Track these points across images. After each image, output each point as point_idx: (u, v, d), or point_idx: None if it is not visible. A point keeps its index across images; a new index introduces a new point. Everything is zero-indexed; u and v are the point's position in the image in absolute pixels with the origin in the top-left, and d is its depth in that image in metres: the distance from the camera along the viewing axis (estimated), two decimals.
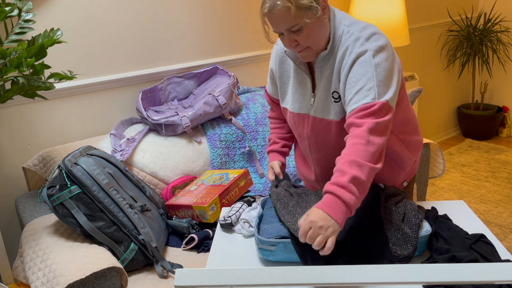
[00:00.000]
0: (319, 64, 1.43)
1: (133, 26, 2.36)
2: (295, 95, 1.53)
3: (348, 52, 1.36)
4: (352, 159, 1.22)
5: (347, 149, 1.25)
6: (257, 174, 2.37)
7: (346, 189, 1.18)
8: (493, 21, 4.12)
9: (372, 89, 1.29)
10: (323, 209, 1.17)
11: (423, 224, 1.28)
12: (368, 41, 1.35)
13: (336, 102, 1.43)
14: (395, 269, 0.70)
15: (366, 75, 1.31)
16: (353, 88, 1.32)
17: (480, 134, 4.26)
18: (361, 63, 1.32)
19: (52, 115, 2.23)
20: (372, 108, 1.27)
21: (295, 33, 1.34)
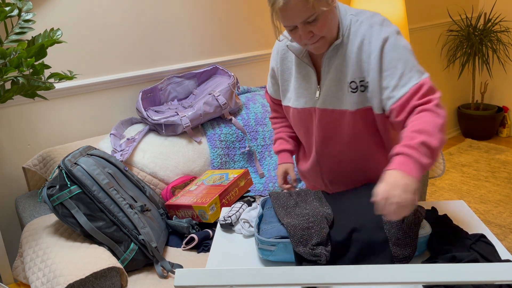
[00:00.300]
0: (328, 54, 1.42)
1: (133, 26, 2.36)
2: (298, 90, 1.52)
3: (367, 41, 1.37)
4: (421, 128, 1.24)
5: (417, 120, 1.27)
6: (257, 174, 2.37)
7: (418, 149, 1.20)
8: (493, 21, 4.12)
9: (413, 70, 1.34)
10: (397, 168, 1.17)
11: (423, 224, 1.28)
12: (383, 26, 1.37)
13: (353, 92, 1.42)
14: (395, 269, 0.70)
15: (401, 59, 1.34)
16: (393, 73, 1.34)
17: (480, 134, 4.26)
18: (391, 49, 1.35)
19: (52, 115, 2.23)
20: (424, 87, 1.32)
21: (311, 24, 1.33)
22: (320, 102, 1.48)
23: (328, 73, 1.45)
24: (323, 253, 1.22)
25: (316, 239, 1.23)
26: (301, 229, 1.26)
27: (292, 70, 1.54)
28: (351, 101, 1.43)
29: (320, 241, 1.24)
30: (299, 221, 1.28)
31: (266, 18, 2.84)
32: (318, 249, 1.22)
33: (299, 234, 1.25)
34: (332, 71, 1.44)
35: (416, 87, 1.32)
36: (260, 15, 2.81)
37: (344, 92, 1.44)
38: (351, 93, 1.42)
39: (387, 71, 1.35)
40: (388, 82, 1.35)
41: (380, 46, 1.36)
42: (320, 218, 1.29)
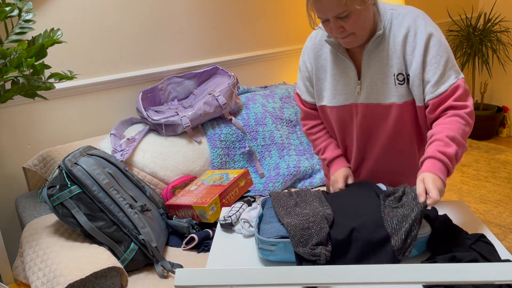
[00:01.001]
0: (369, 48, 1.42)
1: (133, 26, 2.36)
2: (337, 87, 1.51)
3: (412, 33, 1.39)
4: (455, 136, 1.33)
5: (449, 124, 1.35)
6: (257, 174, 2.37)
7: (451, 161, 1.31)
8: (493, 21, 4.12)
9: (452, 69, 1.40)
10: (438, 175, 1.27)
11: (423, 223, 1.28)
12: (426, 20, 1.41)
13: (401, 84, 1.43)
14: (395, 269, 0.70)
15: (444, 56, 1.38)
16: (435, 69, 1.38)
17: (480, 134, 4.26)
18: (435, 45, 1.39)
19: (52, 115, 2.23)
20: (460, 89, 1.39)
21: (342, 20, 1.33)
22: (363, 97, 1.47)
23: (369, 67, 1.44)
24: (323, 253, 1.22)
25: (316, 239, 1.24)
26: (301, 229, 1.26)
27: (327, 67, 1.52)
28: (399, 93, 1.44)
29: (320, 241, 1.24)
30: (299, 221, 1.28)
31: (266, 19, 2.84)
32: (318, 249, 1.22)
33: (299, 234, 1.25)
34: (374, 64, 1.44)
35: (454, 87, 1.38)
36: (260, 16, 2.81)
37: (389, 85, 1.44)
38: (399, 85, 1.43)
39: (430, 65, 1.39)
40: (430, 76, 1.39)
41: (425, 40, 1.38)
42: (320, 218, 1.29)
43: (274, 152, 2.42)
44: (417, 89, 1.41)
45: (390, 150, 1.54)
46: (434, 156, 1.30)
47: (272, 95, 2.59)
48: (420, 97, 1.42)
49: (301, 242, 1.24)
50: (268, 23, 2.86)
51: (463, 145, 1.34)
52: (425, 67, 1.39)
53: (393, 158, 1.56)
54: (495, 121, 4.21)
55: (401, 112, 1.45)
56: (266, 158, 2.41)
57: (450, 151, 1.30)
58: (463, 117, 1.37)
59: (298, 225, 1.27)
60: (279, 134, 2.45)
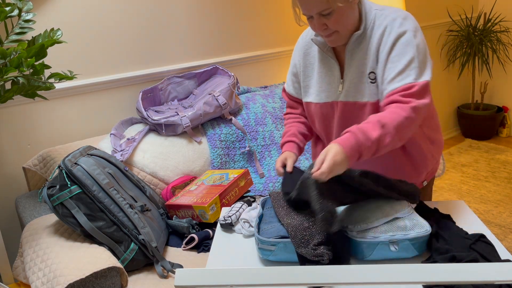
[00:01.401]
0: (351, 46, 1.43)
1: (133, 26, 2.36)
2: (321, 85, 1.53)
3: (387, 32, 1.39)
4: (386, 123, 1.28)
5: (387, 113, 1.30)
6: (257, 174, 2.37)
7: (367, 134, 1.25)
8: (493, 21, 4.12)
9: (414, 69, 1.34)
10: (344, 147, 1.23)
11: (423, 223, 1.28)
12: (405, 20, 1.39)
13: (372, 83, 1.43)
14: (395, 269, 0.70)
15: (408, 54, 1.35)
16: (395, 67, 1.36)
17: (480, 134, 4.26)
18: (403, 43, 1.36)
19: (52, 115, 2.23)
20: (414, 88, 1.33)
21: (325, 17, 1.35)
22: (343, 95, 1.48)
23: (350, 66, 1.46)
24: (326, 252, 1.22)
25: (317, 238, 1.24)
26: (302, 230, 1.26)
27: (315, 65, 1.55)
28: (371, 92, 1.44)
29: (321, 241, 1.24)
30: (299, 221, 1.28)
31: (266, 19, 2.84)
32: (320, 249, 1.22)
33: (300, 235, 1.25)
34: (355, 63, 1.45)
35: (407, 86, 1.34)
36: (260, 16, 2.81)
37: (365, 84, 1.45)
38: (371, 83, 1.44)
39: (391, 63, 1.37)
40: (388, 74, 1.37)
41: (394, 38, 1.38)
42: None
43: (274, 152, 2.42)
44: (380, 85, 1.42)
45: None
46: (352, 130, 1.27)
47: (272, 95, 2.59)
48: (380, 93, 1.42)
49: (303, 242, 1.24)
50: (268, 23, 2.86)
51: (394, 134, 1.28)
52: (387, 64, 1.38)
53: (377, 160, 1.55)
54: (495, 121, 4.21)
55: (375, 110, 1.45)
56: (266, 158, 2.41)
57: (372, 134, 1.26)
58: (403, 109, 1.30)
59: (299, 225, 1.27)
60: (279, 134, 2.45)
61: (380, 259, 1.28)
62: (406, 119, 1.30)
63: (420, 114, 1.33)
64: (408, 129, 1.31)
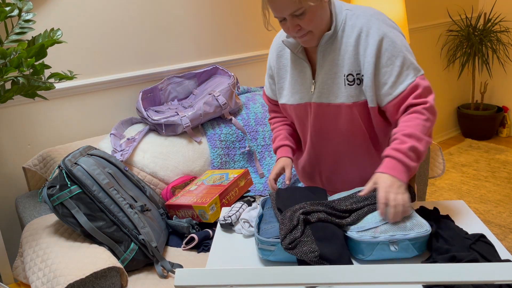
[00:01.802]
0: (323, 47, 1.43)
1: (133, 26, 2.36)
2: (294, 87, 1.53)
3: (364, 33, 1.39)
4: (412, 132, 1.33)
5: (407, 122, 1.36)
6: (257, 174, 2.37)
7: (407, 154, 1.31)
8: (493, 21, 4.12)
9: (410, 66, 1.39)
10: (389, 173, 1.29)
11: (422, 223, 1.28)
12: (379, 20, 1.40)
13: (350, 85, 1.43)
14: (395, 269, 0.70)
15: (399, 56, 1.38)
16: (391, 70, 1.38)
17: (480, 134, 4.26)
18: (389, 46, 1.38)
19: (52, 115, 2.23)
20: (420, 88, 1.38)
21: (298, 17, 1.34)
22: (315, 97, 1.49)
23: (322, 67, 1.45)
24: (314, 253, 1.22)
25: (308, 243, 1.23)
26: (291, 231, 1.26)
27: (288, 67, 1.55)
28: (348, 94, 1.44)
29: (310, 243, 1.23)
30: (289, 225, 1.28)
31: None
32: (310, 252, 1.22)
33: (288, 238, 1.25)
34: (327, 64, 1.44)
35: (413, 85, 1.38)
36: (260, 16, 2.81)
37: (339, 85, 1.44)
38: (348, 85, 1.43)
39: (385, 68, 1.38)
40: (386, 78, 1.38)
41: (377, 41, 1.37)
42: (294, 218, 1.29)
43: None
44: (369, 90, 1.42)
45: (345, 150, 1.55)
46: (387, 154, 1.33)
47: None
48: (372, 98, 1.43)
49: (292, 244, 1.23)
50: None
51: (423, 140, 1.35)
52: (380, 69, 1.39)
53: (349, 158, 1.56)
54: (495, 121, 4.21)
55: (351, 112, 1.45)
56: (266, 158, 2.41)
57: (403, 147, 1.31)
58: (422, 112, 1.37)
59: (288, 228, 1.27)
60: None
61: (380, 259, 1.28)
62: (427, 121, 1.37)
63: (435, 109, 1.40)
64: (431, 127, 1.39)
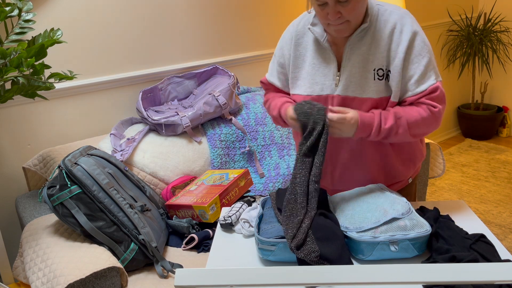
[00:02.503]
0: (353, 40, 1.42)
1: (133, 26, 2.36)
2: (315, 77, 1.49)
3: (397, 30, 1.41)
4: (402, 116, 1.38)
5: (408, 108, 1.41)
6: (257, 174, 2.37)
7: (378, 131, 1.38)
8: (493, 21, 4.12)
9: (432, 70, 1.42)
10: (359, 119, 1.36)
11: (423, 223, 1.28)
12: (412, 19, 1.43)
13: (379, 80, 1.43)
14: (395, 269, 0.70)
15: (426, 56, 1.41)
16: (416, 68, 1.41)
17: (480, 134, 4.26)
18: (420, 44, 1.41)
19: (52, 115, 2.23)
20: (438, 91, 1.41)
21: (341, 4, 1.33)
22: (340, 89, 1.45)
23: (350, 60, 1.44)
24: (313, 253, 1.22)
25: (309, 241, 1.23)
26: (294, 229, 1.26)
27: (306, 56, 1.51)
28: (377, 88, 1.43)
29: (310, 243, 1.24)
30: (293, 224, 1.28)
31: (266, 19, 2.84)
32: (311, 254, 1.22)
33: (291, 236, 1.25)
34: (356, 58, 1.43)
35: (433, 87, 1.40)
36: (260, 16, 2.81)
37: (368, 79, 1.43)
38: (378, 80, 1.43)
39: (412, 64, 1.41)
40: (412, 74, 1.41)
41: (410, 37, 1.39)
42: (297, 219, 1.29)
43: (274, 152, 2.42)
44: (396, 85, 1.42)
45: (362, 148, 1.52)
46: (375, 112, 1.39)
47: None
48: (397, 93, 1.43)
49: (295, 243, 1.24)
50: (268, 23, 2.86)
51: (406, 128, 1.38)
52: (408, 64, 1.41)
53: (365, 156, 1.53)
54: (495, 121, 4.21)
55: (375, 107, 1.45)
56: (266, 158, 2.41)
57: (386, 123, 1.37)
58: (425, 110, 1.40)
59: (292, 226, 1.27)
60: (279, 134, 2.45)
61: (380, 259, 1.28)
62: (423, 119, 1.39)
63: (440, 119, 1.42)
64: (422, 129, 1.40)
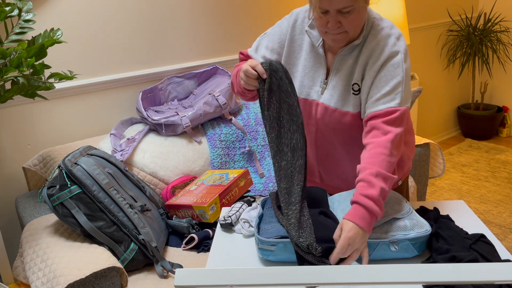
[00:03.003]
0: (343, 52, 1.41)
1: (133, 26, 2.36)
2: (304, 80, 1.49)
3: (379, 49, 1.37)
4: (378, 171, 1.26)
5: (372, 158, 1.29)
6: (257, 174, 2.37)
7: (377, 203, 1.23)
8: (493, 21, 4.12)
9: (400, 94, 1.34)
10: (357, 223, 1.21)
11: (423, 223, 1.28)
12: (399, 41, 1.38)
13: (355, 95, 1.42)
14: (395, 269, 0.70)
15: (396, 78, 1.35)
16: (382, 87, 1.35)
17: (480, 134, 4.26)
18: (394, 65, 1.35)
19: (52, 115, 2.23)
20: (396, 114, 1.32)
21: (343, 14, 1.31)
22: (326, 99, 1.46)
23: (338, 71, 1.44)
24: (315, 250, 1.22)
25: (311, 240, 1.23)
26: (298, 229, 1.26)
27: (300, 56, 1.50)
28: (354, 103, 1.43)
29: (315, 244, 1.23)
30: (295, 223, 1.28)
31: (266, 19, 2.84)
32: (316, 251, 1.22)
33: (296, 236, 1.25)
34: (343, 70, 1.43)
35: (390, 110, 1.33)
36: (260, 16, 2.81)
37: (348, 93, 1.44)
38: (353, 95, 1.43)
39: (380, 82, 1.36)
40: (375, 92, 1.36)
41: (386, 57, 1.36)
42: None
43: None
44: (363, 101, 1.41)
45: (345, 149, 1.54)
46: (357, 201, 1.24)
47: None
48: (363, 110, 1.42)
49: (299, 242, 1.24)
50: (268, 23, 2.86)
51: (388, 179, 1.27)
52: (375, 81, 1.37)
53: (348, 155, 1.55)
54: (495, 121, 4.21)
55: (355, 120, 1.45)
56: (266, 158, 2.41)
57: (373, 193, 1.24)
58: (385, 146, 1.30)
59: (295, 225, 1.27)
60: None
61: (380, 259, 1.28)
62: (392, 156, 1.30)
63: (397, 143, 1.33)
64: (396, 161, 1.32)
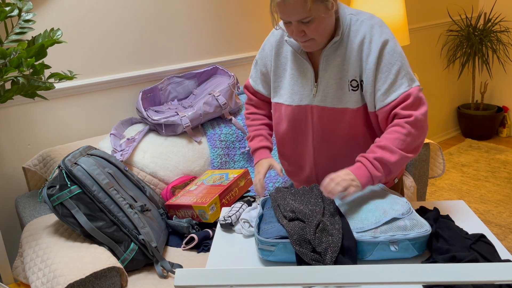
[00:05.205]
0: (327, 52, 1.43)
1: (133, 26, 2.36)
2: (294, 87, 1.52)
3: (367, 40, 1.40)
4: (386, 145, 1.36)
5: (386, 134, 1.39)
6: None
7: (371, 162, 1.34)
8: (493, 21, 4.12)
9: (405, 77, 1.39)
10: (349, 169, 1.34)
11: (423, 223, 1.28)
12: (383, 28, 1.41)
13: (354, 91, 1.44)
14: (395, 269, 0.70)
15: (396, 64, 1.39)
16: (386, 77, 1.39)
17: (480, 134, 4.26)
18: (389, 52, 1.39)
19: (52, 115, 2.23)
20: (410, 98, 1.37)
21: (305, 24, 1.34)
22: (318, 100, 1.48)
23: (326, 71, 1.45)
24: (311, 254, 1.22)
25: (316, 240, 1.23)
26: (300, 229, 1.26)
27: (287, 66, 1.54)
28: (353, 99, 1.44)
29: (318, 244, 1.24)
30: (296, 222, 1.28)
31: (266, 18, 2.84)
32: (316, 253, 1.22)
33: (298, 234, 1.25)
34: (332, 69, 1.44)
35: (404, 96, 1.38)
36: (260, 15, 2.81)
37: (344, 90, 1.45)
38: (352, 91, 1.44)
39: (381, 73, 1.39)
40: (381, 84, 1.40)
41: (379, 47, 1.38)
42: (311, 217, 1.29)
43: (274, 152, 2.42)
44: (369, 96, 1.43)
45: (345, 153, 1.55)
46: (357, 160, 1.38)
47: None
48: (371, 104, 1.44)
49: (300, 241, 1.24)
50: (268, 22, 2.86)
51: (396, 153, 1.36)
52: (377, 74, 1.40)
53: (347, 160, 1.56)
54: (495, 121, 4.21)
55: (356, 117, 1.47)
56: None
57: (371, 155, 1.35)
58: (403, 126, 1.37)
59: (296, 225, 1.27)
60: None
61: (380, 259, 1.28)
62: (407, 136, 1.36)
63: (422, 123, 1.38)
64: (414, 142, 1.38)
